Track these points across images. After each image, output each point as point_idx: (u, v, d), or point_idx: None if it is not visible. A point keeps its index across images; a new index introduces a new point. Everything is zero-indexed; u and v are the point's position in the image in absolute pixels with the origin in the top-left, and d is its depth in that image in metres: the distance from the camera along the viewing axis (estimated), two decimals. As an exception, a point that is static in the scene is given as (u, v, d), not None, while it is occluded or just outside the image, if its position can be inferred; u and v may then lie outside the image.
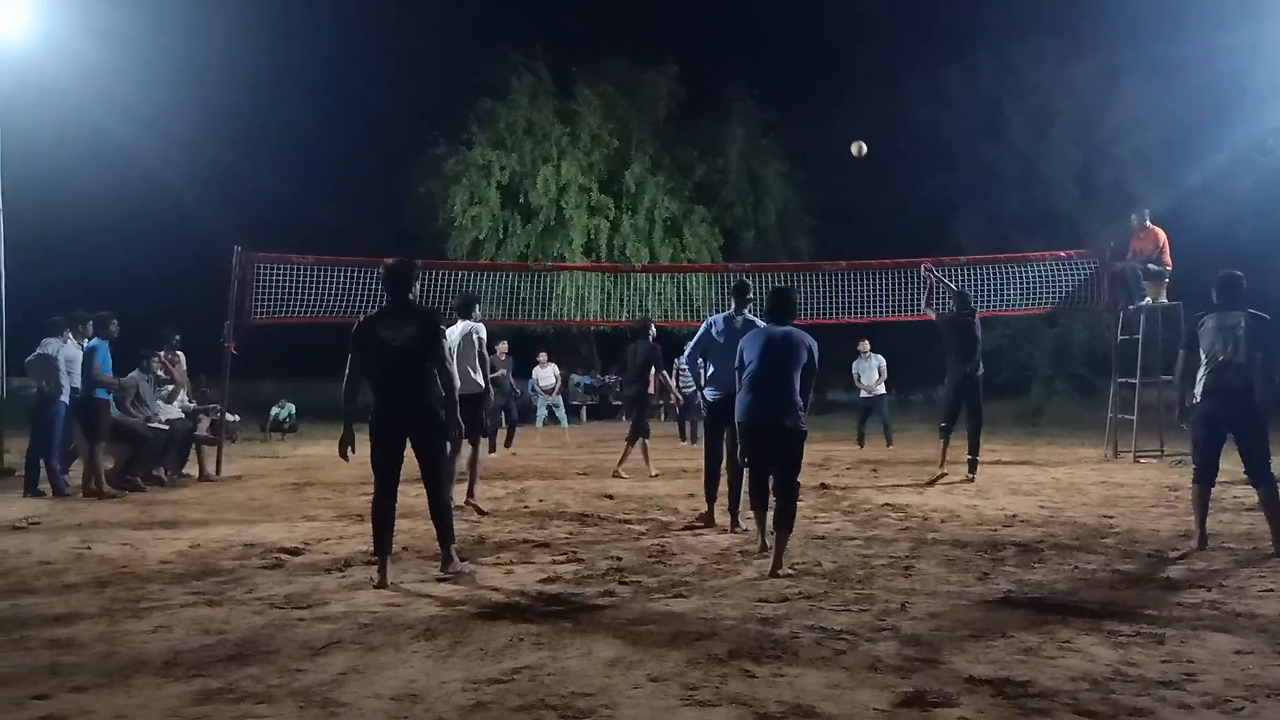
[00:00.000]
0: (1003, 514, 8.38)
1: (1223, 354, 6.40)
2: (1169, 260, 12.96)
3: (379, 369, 5.84)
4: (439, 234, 27.70)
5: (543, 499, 9.66)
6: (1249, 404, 6.39)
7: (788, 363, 6.24)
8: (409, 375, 5.83)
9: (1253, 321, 6.46)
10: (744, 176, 30.55)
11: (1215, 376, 6.43)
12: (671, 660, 4.10)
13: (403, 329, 5.80)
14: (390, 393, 5.83)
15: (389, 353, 5.79)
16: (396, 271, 6.05)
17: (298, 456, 15.18)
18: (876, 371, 16.15)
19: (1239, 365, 6.37)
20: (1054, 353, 29.10)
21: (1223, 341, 6.42)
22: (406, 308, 5.97)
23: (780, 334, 6.39)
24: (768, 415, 6.22)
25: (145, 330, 11.77)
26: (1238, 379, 6.37)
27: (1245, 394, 6.38)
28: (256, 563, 6.35)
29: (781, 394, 6.19)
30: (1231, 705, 3.54)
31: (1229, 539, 6.97)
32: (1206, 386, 6.47)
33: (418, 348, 5.80)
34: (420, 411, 5.84)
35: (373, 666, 4.05)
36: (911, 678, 3.85)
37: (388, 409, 5.82)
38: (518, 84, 28.40)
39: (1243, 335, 6.38)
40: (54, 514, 8.55)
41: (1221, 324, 6.49)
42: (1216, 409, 6.45)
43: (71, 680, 3.88)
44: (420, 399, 5.84)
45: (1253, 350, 6.38)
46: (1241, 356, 6.36)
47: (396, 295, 5.99)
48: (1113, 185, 28.64)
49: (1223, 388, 6.40)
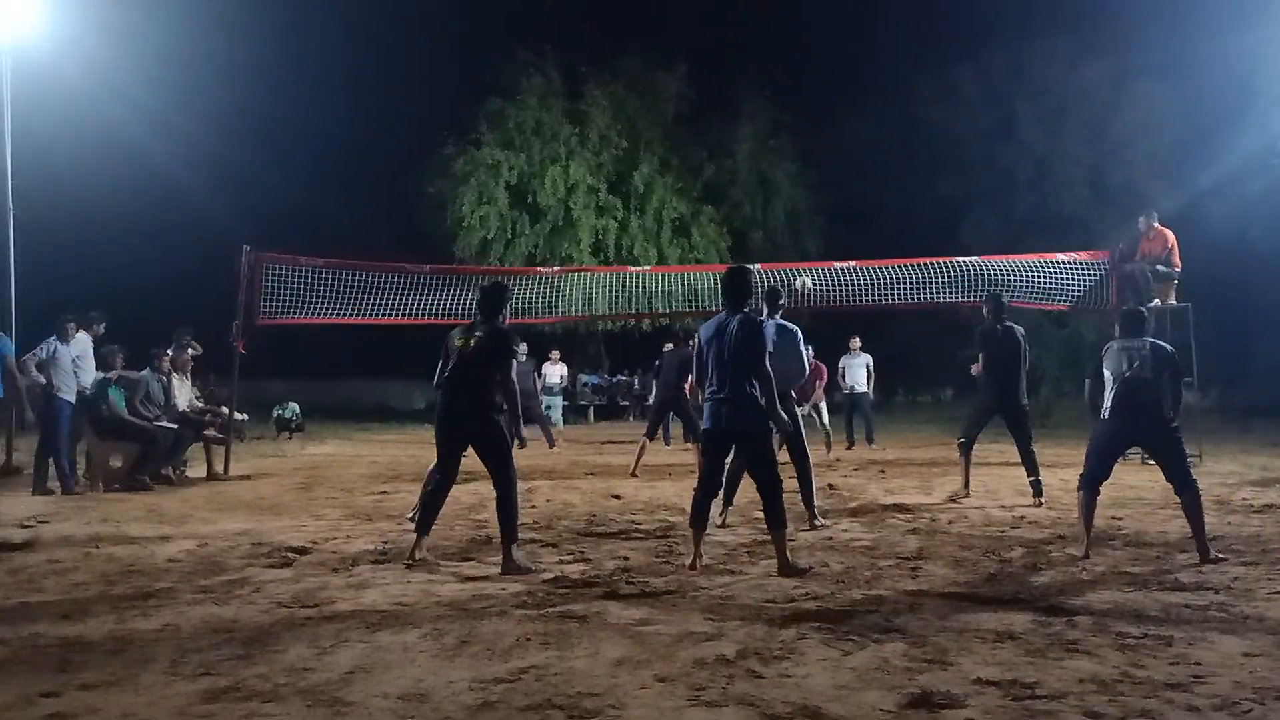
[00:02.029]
0: (1010, 515, 8.37)
1: (1129, 370, 6.49)
2: (1178, 261, 12.93)
3: (449, 371, 6.28)
4: (447, 234, 27.74)
5: (550, 499, 9.67)
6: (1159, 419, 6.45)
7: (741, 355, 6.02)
8: (472, 382, 6.22)
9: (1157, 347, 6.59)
10: (753, 177, 30.54)
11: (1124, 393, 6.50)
12: (679, 660, 4.10)
13: (477, 340, 6.25)
14: (454, 395, 6.24)
15: (457, 359, 6.25)
16: (486, 295, 6.50)
17: (306, 456, 15.20)
18: (864, 370, 16.10)
19: (1146, 381, 6.44)
20: (1063, 354, 29.02)
21: (1128, 361, 6.52)
22: (488, 324, 6.35)
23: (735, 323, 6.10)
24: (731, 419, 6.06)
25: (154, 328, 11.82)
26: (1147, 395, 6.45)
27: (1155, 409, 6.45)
28: (264, 562, 6.36)
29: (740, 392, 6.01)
30: (1240, 708, 3.53)
31: (1237, 541, 6.94)
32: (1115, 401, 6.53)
33: (485, 359, 6.20)
34: (479, 417, 6.21)
35: (380, 665, 4.06)
36: (919, 679, 3.84)
37: (449, 409, 6.28)
38: (527, 84, 28.42)
39: (1149, 356, 6.48)
40: (63, 512, 8.58)
41: (1126, 348, 6.61)
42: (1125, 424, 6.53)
43: (80, 678, 3.89)
44: (480, 405, 6.20)
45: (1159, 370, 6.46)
46: (1149, 373, 6.44)
47: (483, 313, 6.41)
48: (1124, 187, 28.55)
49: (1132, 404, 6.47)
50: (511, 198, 28.22)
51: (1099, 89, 28.95)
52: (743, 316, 6.12)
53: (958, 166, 30.43)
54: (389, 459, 14.06)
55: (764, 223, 30.61)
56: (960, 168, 30.37)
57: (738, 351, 6.00)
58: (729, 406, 6.03)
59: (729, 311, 6.17)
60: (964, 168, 30.33)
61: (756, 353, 6.01)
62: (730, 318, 6.12)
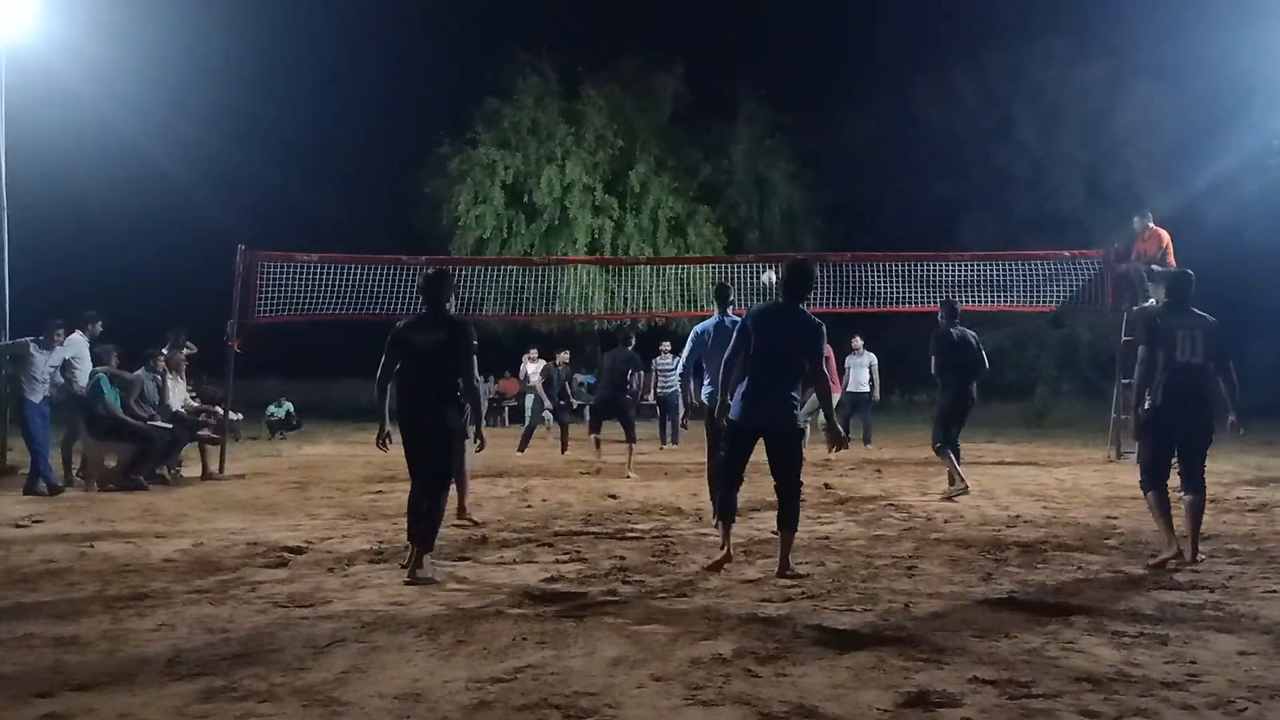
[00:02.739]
0: (1006, 515, 8.37)
1: (1181, 356, 6.17)
2: (1173, 261, 12.95)
3: (406, 371, 6.03)
4: (444, 233, 27.74)
5: (546, 498, 9.66)
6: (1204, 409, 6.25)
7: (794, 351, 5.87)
8: (435, 380, 5.96)
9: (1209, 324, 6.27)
10: (749, 177, 30.51)
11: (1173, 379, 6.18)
12: (675, 660, 4.10)
13: (433, 335, 5.97)
14: (417, 395, 5.99)
15: (417, 356, 5.98)
16: (431, 282, 6.20)
17: (301, 455, 15.18)
18: (867, 370, 16.11)
19: (1198, 367, 6.19)
20: (1059, 354, 29.06)
21: (1180, 344, 6.18)
22: (440, 315, 6.11)
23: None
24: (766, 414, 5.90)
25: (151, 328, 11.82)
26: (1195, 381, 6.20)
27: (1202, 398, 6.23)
28: (260, 561, 6.36)
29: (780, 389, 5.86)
30: (1235, 706, 3.54)
31: (1232, 540, 6.95)
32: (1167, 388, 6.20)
33: (446, 355, 5.95)
34: (437, 415, 5.95)
35: (376, 665, 4.05)
36: (915, 678, 3.84)
37: (412, 410, 6.01)
38: (523, 84, 28.40)
39: (1200, 338, 6.19)
40: (57, 512, 8.56)
41: (1177, 325, 6.25)
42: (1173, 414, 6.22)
43: (75, 679, 3.88)
44: (443, 403, 5.95)
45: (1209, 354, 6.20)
46: (1200, 358, 6.18)
47: (430, 304, 6.18)
48: (1121, 187, 28.57)
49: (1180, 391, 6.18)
50: (507, 197, 28.20)
51: (1096, 89, 28.98)
52: (804, 315, 5.95)
53: (955, 167, 30.44)
54: (384, 459, 13.85)
55: (760, 223, 30.57)
56: (957, 168, 30.39)
57: (792, 349, 5.87)
58: (766, 402, 5.85)
59: (786, 305, 6.01)
60: (961, 168, 30.35)
61: (814, 354, 5.87)
62: (787, 313, 5.97)
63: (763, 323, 5.96)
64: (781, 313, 6.02)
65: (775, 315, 6.02)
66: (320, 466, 13.12)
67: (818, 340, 5.89)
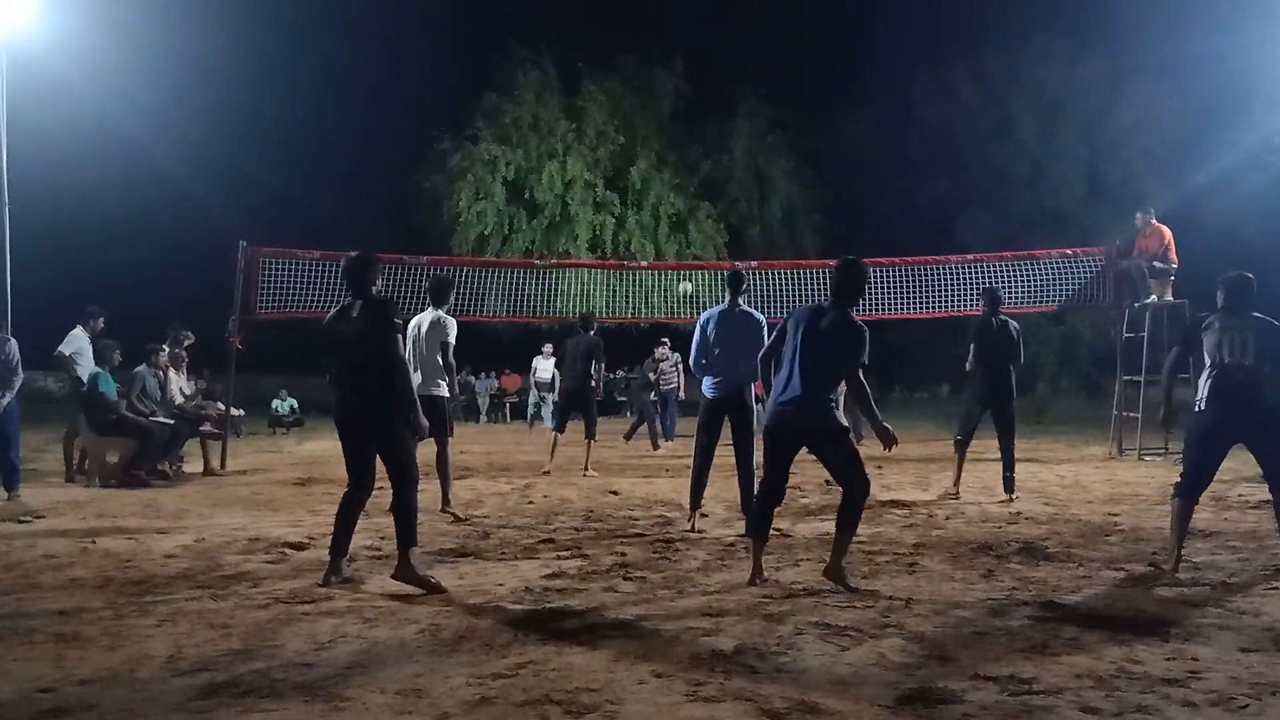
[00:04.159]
0: (1007, 511, 8.37)
1: (1230, 357, 5.93)
2: (1174, 257, 12.98)
3: (337, 363, 5.67)
4: (445, 229, 27.74)
5: (547, 495, 9.66)
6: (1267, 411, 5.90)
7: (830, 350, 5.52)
8: (363, 368, 5.56)
9: (1263, 325, 6.04)
10: (750, 173, 30.48)
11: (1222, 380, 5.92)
12: (676, 656, 4.10)
13: (354, 321, 5.58)
14: (347, 387, 5.64)
15: (343, 346, 5.60)
16: (351, 265, 5.72)
17: (302, 451, 15.18)
18: None
19: (1248, 369, 5.90)
20: (1060, 351, 29.08)
21: (1229, 347, 5.95)
22: (363, 300, 5.64)
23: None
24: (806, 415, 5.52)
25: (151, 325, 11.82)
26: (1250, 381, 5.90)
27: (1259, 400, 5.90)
28: (261, 557, 6.36)
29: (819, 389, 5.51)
30: (1236, 703, 3.54)
31: (1234, 537, 6.96)
32: (1211, 391, 5.95)
33: (367, 340, 5.54)
34: (375, 406, 5.57)
35: (377, 661, 4.05)
36: (916, 674, 3.84)
37: (344, 404, 5.65)
38: (524, 80, 28.38)
39: (1252, 339, 5.94)
40: (59, 508, 8.56)
41: (1228, 327, 6.03)
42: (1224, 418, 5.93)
43: (76, 674, 3.89)
44: (374, 393, 5.55)
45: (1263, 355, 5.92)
46: (1251, 359, 5.91)
47: (353, 289, 5.70)
48: (1120, 185, 28.59)
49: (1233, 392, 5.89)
50: (508, 193, 28.18)
51: (1095, 88, 28.98)
52: (849, 317, 5.60)
53: (954, 164, 30.45)
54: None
55: (761, 219, 30.55)
56: (957, 166, 30.40)
57: (836, 352, 5.51)
58: (805, 405, 5.47)
59: (834, 305, 5.62)
60: (960, 166, 30.36)
61: (854, 357, 5.51)
62: (836, 313, 5.58)
63: (807, 324, 5.60)
64: (826, 314, 5.61)
65: (819, 317, 5.62)
66: (321, 462, 13.10)
67: (861, 345, 5.53)
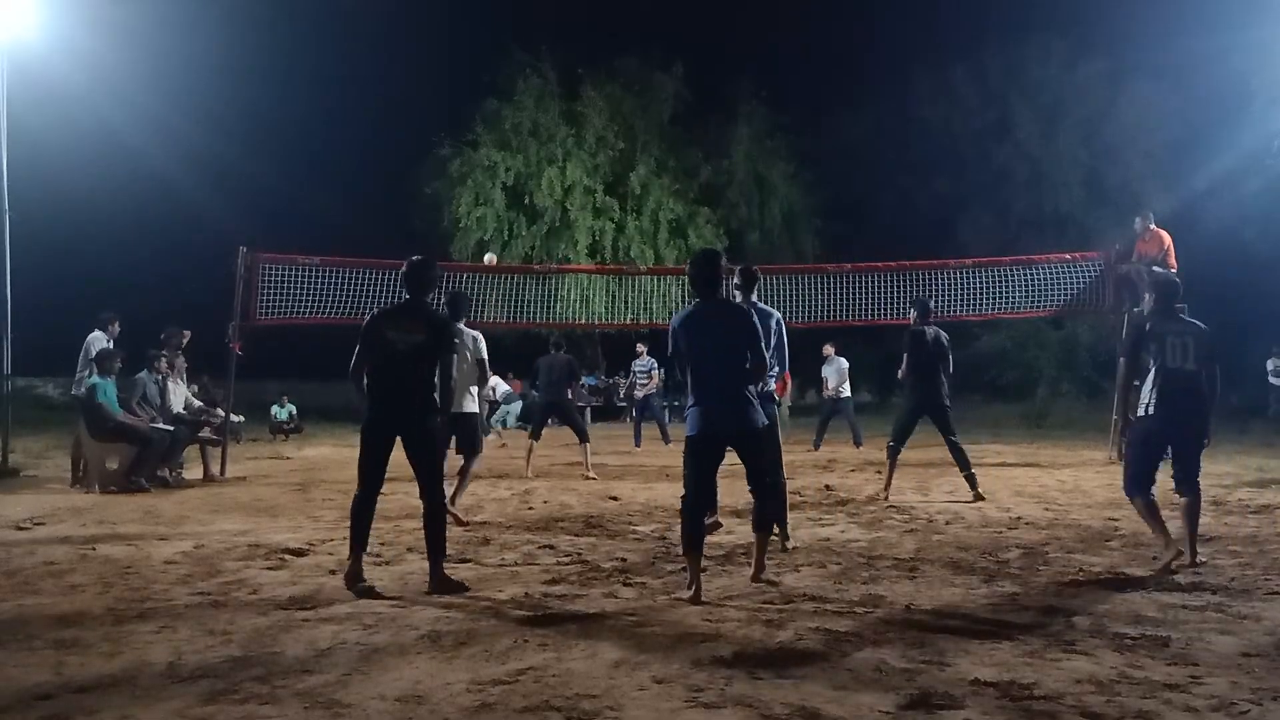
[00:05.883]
0: (1007, 516, 8.37)
1: (1173, 361, 6.11)
2: (1174, 262, 12.98)
3: (380, 369, 5.66)
4: (444, 235, 27.76)
5: (547, 500, 9.66)
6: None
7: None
8: (412, 382, 5.62)
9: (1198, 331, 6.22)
10: (750, 178, 30.52)
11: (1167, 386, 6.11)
12: (676, 662, 4.10)
13: (412, 334, 5.60)
14: (387, 395, 5.64)
15: (394, 355, 5.60)
16: (414, 272, 5.78)
17: (302, 457, 15.19)
18: (839, 375, 16.21)
19: (1190, 373, 6.11)
20: (1060, 355, 29.07)
21: (1170, 350, 6.13)
22: (421, 311, 5.75)
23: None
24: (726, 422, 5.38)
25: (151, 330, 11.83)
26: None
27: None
28: (261, 563, 6.35)
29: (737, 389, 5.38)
30: (1237, 709, 3.53)
31: (1234, 542, 6.95)
32: (1159, 395, 6.13)
33: (425, 356, 5.63)
34: (415, 418, 5.62)
35: (377, 667, 4.05)
36: (916, 680, 3.84)
37: (382, 411, 5.64)
38: (524, 85, 28.43)
39: (1191, 344, 6.12)
40: (59, 514, 8.56)
41: (1167, 331, 6.19)
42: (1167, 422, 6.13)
43: (76, 680, 3.88)
44: (420, 408, 5.63)
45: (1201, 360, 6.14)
46: (1193, 364, 6.11)
47: (413, 297, 5.79)
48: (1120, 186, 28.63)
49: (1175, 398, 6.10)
50: (508, 199, 28.23)
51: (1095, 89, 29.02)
52: (729, 304, 5.63)
53: (954, 166, 30.49)
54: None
55: (761, 223, 30.60)
56: (956, 167, 30.44)
57: (733, 340, 5.40)
58: (724, 408, 5.38)
59: (703, 301, 5.48)
60: (960, 167, 30.40)
61: (751, 338, 5.39)
62: (710, 307, 5.46)
63: (693, 325, 5.42)
64: (712, 309, 5.47)
65: (700, 316, 5.45)
66: (321, 468, 13.12)
67: (748, 322, 5.44)
